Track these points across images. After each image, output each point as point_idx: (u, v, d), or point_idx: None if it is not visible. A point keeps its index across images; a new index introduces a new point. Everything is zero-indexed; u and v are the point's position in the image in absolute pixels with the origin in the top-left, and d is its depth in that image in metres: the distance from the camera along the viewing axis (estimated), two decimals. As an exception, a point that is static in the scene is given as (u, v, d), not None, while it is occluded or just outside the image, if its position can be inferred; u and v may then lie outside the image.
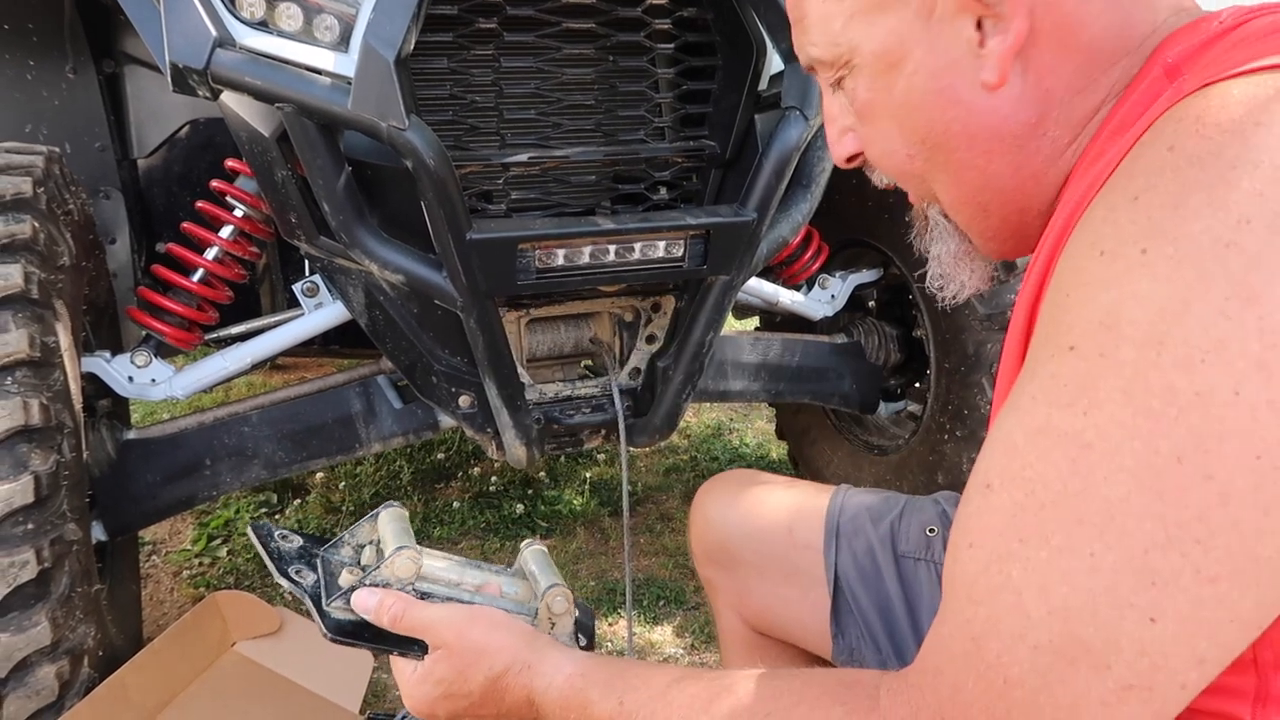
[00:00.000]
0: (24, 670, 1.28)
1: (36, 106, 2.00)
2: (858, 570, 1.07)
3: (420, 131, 1.34)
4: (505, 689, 0.80)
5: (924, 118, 0.70)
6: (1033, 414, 0.56)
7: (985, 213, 0.74)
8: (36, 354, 1.31)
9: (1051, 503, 0.53)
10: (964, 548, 0.58)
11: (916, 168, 0.74)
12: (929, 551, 1.05)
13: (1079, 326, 0.54)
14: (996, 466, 0.58)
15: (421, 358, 1.71)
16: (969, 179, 0.72)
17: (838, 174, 1.85)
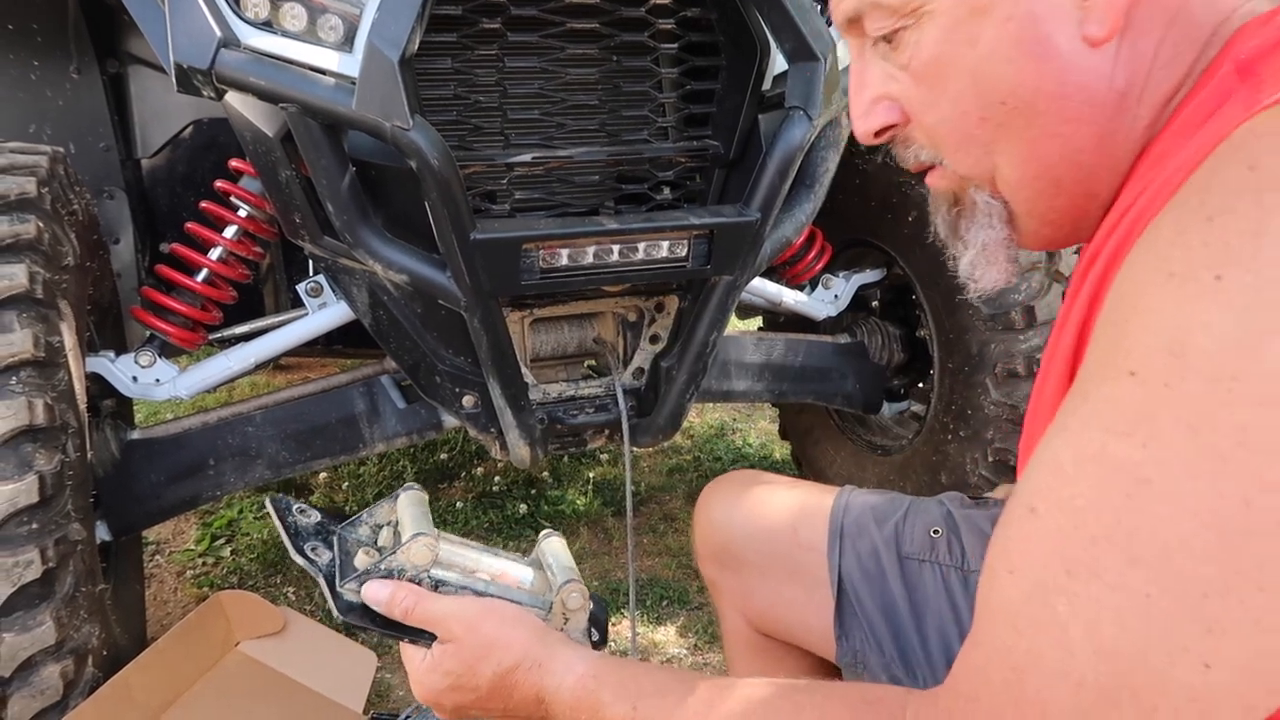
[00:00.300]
0: (29, 670, 1.28)
1: (41, 106, 2.00)
2: (862, 572, 1.07)
3: (424, 132, 1.34)
4: (514, 685, 0.79)
5: (1010, 74, 0.63)
6: (1085, 439, 0.53)
7: (1056, 190, 0.68)
8: (41, 354, 1.31)
9: (1104, 537, 0.51)
10: (1004, 573, 0.56)
11: (985, 135, 0.67)
12: (933, 553, 1.04)
13: (1141, 351, 0.51)
14: (1043, 490, 0.55)
15: (425, 358, 1.71)
16: (1048, 149, 0.66)
17: (841, 174, 1.85)
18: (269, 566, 2.39)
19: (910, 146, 0.73)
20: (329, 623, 2.06)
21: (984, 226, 0.72)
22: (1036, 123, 0.65)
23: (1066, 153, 0.65)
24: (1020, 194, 0.69)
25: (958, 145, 0.69)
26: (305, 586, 2.30)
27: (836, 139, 1.74)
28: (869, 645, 1.04)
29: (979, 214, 0.72)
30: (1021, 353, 1.93)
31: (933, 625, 1.01)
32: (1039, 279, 1.92)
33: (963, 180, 0.71)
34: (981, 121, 0.66)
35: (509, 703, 0.80)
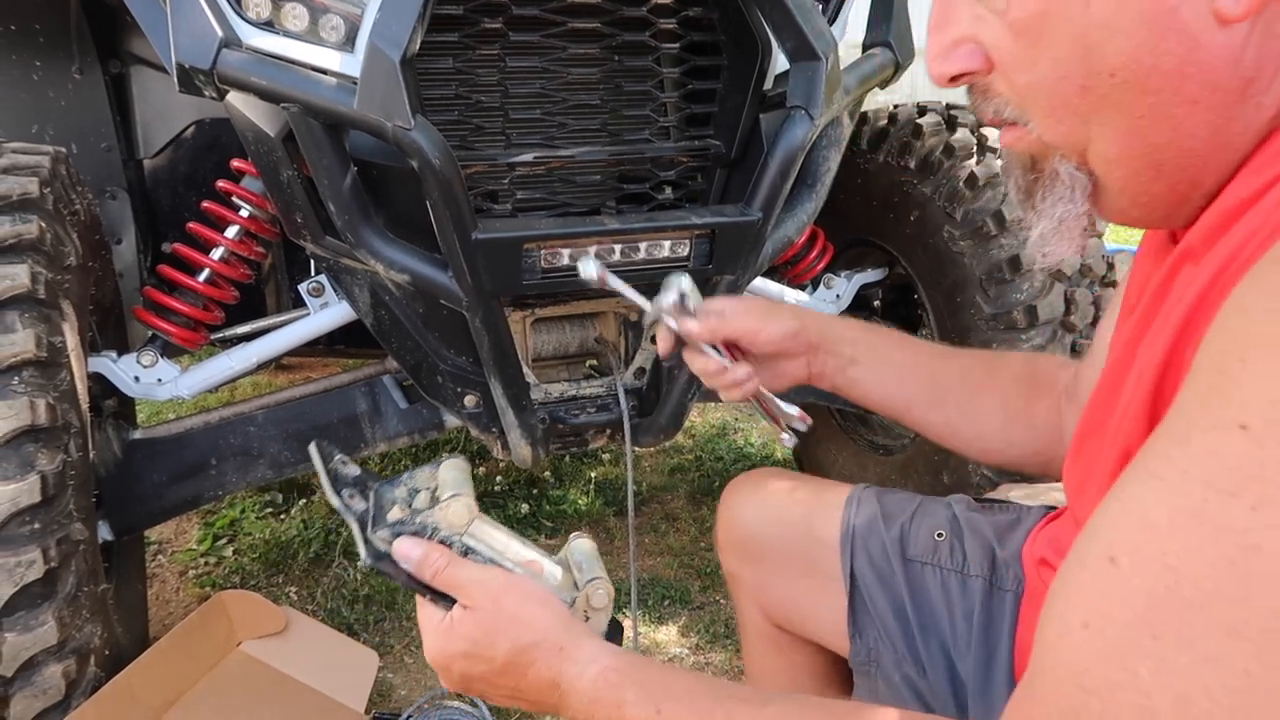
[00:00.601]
0: (31, 669, 1.28)
1: (43, 107, 2.00)
2: (874, 572, 1.07)
3: (425, 131, 1.34)
4: (530, 663, 0.76)
5: (1125, 45, 0.58)
6: (1183, 492, 0.49)
7: (1156, 174, 0.62)
8: (43, 354, 1.31)
9: (1201, 604, 0.47)
10: (1077, 626, 0.52)
11: (1085, 106, 0.61)
12: (935, 556, 1.05)
13: (1256, 404, 0.47)
14: (1127, 541, 0.51)
15: (427, 357, 1.71)
16: (1156, 131, 0.60)
17: (843, 173, 1.85)
18: (271, 566, 2.40)
19: (990, 99, 0.67)
20: (331, 622, 2.06)
21: (1064, 200, 0.67)
22: (1147, 101, 0.59)
23: (1176, 137, 0.60)
24: (1115, 172, 0.64)
25: (1050, 111, 0.63)
26: (307, 586, 2.31)
27: (838, 138, 1.74)
28: (883, 643, 1.04)
29: (1060, 186, 0.67)
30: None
31: (933, 629, 1.01)
32: (1041, 278, 1.92)
33: (1046, 147, 0.66)
34: (1083, 91, 0.61)
35: (521, 681, 0.76)
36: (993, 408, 1.07)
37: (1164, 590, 0.48)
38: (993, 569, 1.00)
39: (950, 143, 2.02)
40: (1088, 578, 0.53)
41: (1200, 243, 0.61)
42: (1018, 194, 0.71)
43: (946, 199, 1.99)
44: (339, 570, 2.36)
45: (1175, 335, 0.58)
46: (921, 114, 2.15)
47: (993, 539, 1.03)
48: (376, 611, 2.19)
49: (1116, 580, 0.51)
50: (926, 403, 1.09)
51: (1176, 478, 0.50)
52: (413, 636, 2.10)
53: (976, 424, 1.08)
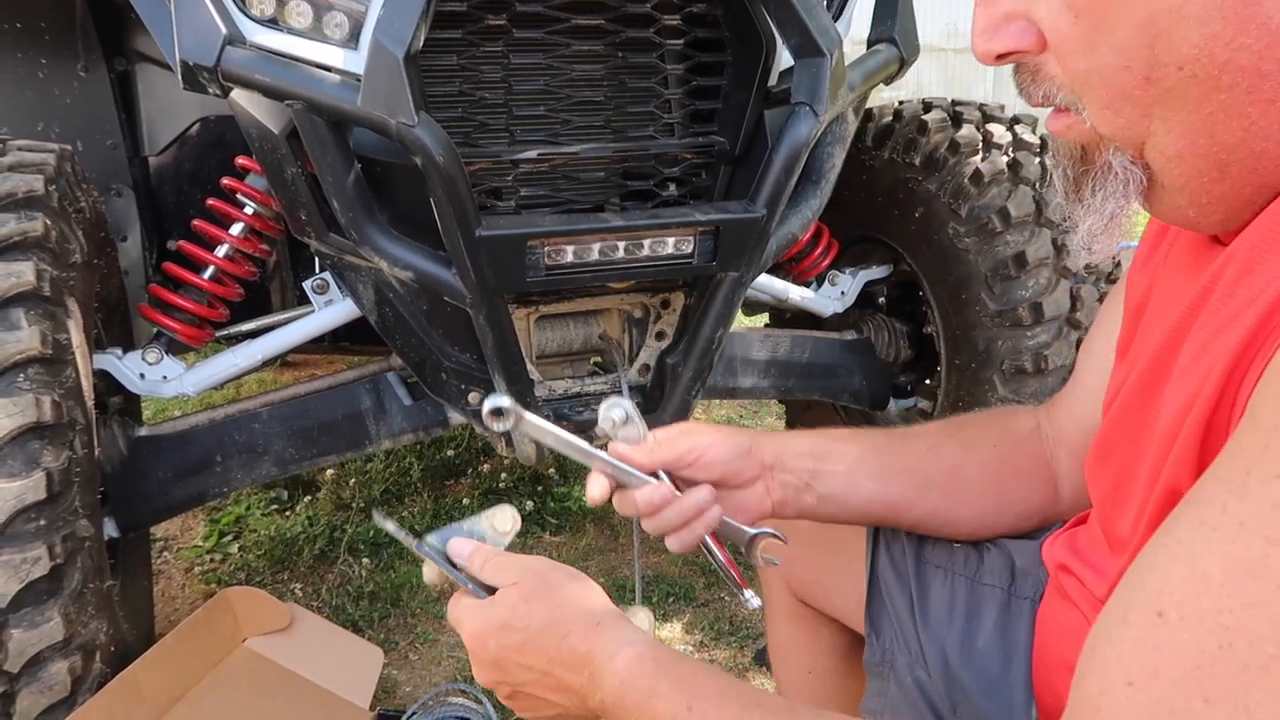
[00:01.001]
0: (37, 665, 1.28)
1: (49, 104, 2.01)
2: (894, 572, 1.07)
3: (429, 128, 1.34)
4: (566, 634, 0.73)
5: (1198, 36, 0.53)
6: (1240, 544, 0.46)
7: (1220, 175, 0.58)
8: (48, 351, 1.31)
9: (1260, 668, 0.44)
10: (1120, 683, 0.49)
11: (1148, 98, 0.57)
12: (949, 561, 1.04)
13: None
14: (1177, 594, 0.48)
15: (431, 354, 1.71)
16: (1225, 129, 0.56)
17: (847, 170, 1.84)
18: (276, 563, 2.40)
19: (1040, 82, 0.62)
20: (336, 619, 2.07)
21: (1117, 195, 0.62)
22: (1217, 98, 0.55)
23: (1247, 138, 0.55)
24: (1175, 169, 0.59)
25: (1108, 102, 0.59)
26: (312, 583, 2.31)
27: (843, 135, 1.73)
28: (898, 644, 1.04)
29: (1112, 180, 0.62)
30: (1029, 349, 1.92)
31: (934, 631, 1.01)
32: (1046, 275, 1.91)
33: (1100, 138, 0.61)
34: (1147, 83, 0.56)
35: (555, 652, 0.74)
36: (975, 475, 1.01)
37: (1217, 649, 0.45)
38: (1012, 579, 0.99)
39: (955, 139, 2.02)
40: (1132, 632, 0.50)
41: (1253, 253, 0.56)
42: (1065, 186, 0.66)
43: (951, 195, 1.98)
44: (344, 567, 2.37)
45: (1231, 363, 0.54)
46: (927, 110, 2.14)
47: (1012, 548, 1.02)
48: (381, 608, 2.19)
49: (1165, 635, 0.48)
50: (910, 500, 1.01)
51: (1233, 528, 0.47)
52: (417, 633, 2.11)
53: (967, 503, 1.02)
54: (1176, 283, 0.72)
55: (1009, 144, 2.02)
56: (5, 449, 1.25)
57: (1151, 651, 0.48)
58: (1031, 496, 1.02)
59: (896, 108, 2.21)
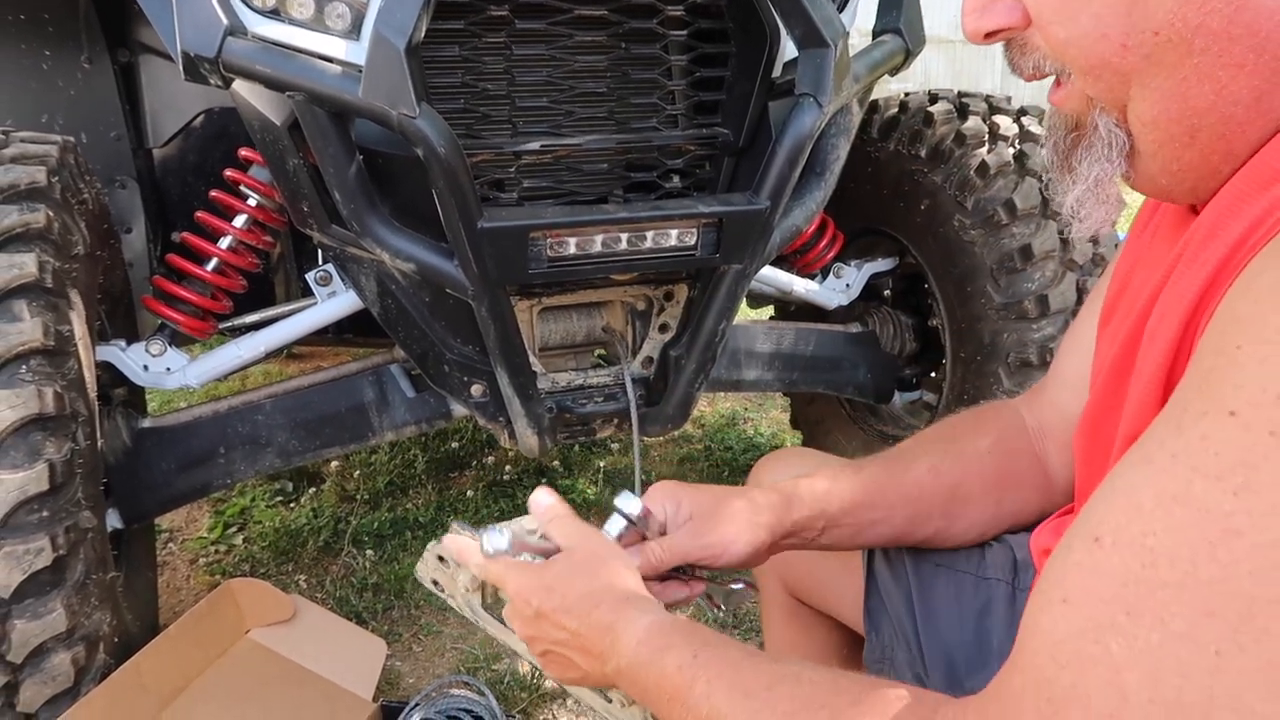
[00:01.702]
0: (40, 656, 1.29)
1: (52, 96, 2.00)
2: (890, 570, 1.06)
3: (431, 120, 1.33)
4: (597, 605, 0.79)
5: (1174, 3, 0.55)
6: (1170, 475, 0.50)
7: (1190, 140, 0.60)
8: (51, 343, 1.32)
9: (1176, 583, 0.47)
10: (1057, 600, 0.53)
11: (1127, 64, 0.59)
12: (950, 558, 1.04)
13: (1249, 391, 0.47)
14: (1112, 522, 0.52)
15: (434, 346, 1.71)
16: (1197, 94, 0.58)
17: (853, 162, 1.83)
18: (281, 555, 2.41)
19: (1029, 54, 0.64)
20: (340, 611, 2.07)
21: (1101, 159, 0.65)
22: (1190, 62, 0.57)
23: (1218, 102, 0.58)
24: (1150, 134, 0.62)
25: (1088, 69, 0.61)
26: (316, 574, 2.31)
27: (847, 126, 1.73)
28: (897, 640, 1.03)
29: (1098, 143, 0.64)
30: (1034, 342, 1.91)
31: (937, 631, 1.00)
32: (1052, 267, 1.90)
33: (1089, 100, 0.64)
34: (1124, 50, 0.58)
35: (584, 621, 0.79)
36: (979, 493, 1.01)
37: (1141, 569, 0.49)
38: (1016, 573, 0.99)
39: (961, 131, 2.00)
40: (1073, 556, 0.53)
41: (1220, 215, 0.59)
42: (1056, 159, 0.69)
43: (957, 188, 1.97)
44: (348, 559, 2.37)
45: (1187, 314, 0.57)
46: (933, 102, 2.13)
47: (1012, 542, 1.02)
48: (385, 600, 2.19)
49: (1098, 558, 0.51)
50: (914, 526, 1.02)
51: (1166, 461, 0.50)
52: (421, 625, 2.11)
53: (965, 518, 1.02)
54: (1155, 255, 0.74)
55: (1015, 135, 2.01)
56: (7, 440, 1.25)
57: (1087, 573, 0.52)
58: (1028, 499, 1.02)
59: (902, 99, 2.20)
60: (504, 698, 1.83)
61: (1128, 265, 0.80)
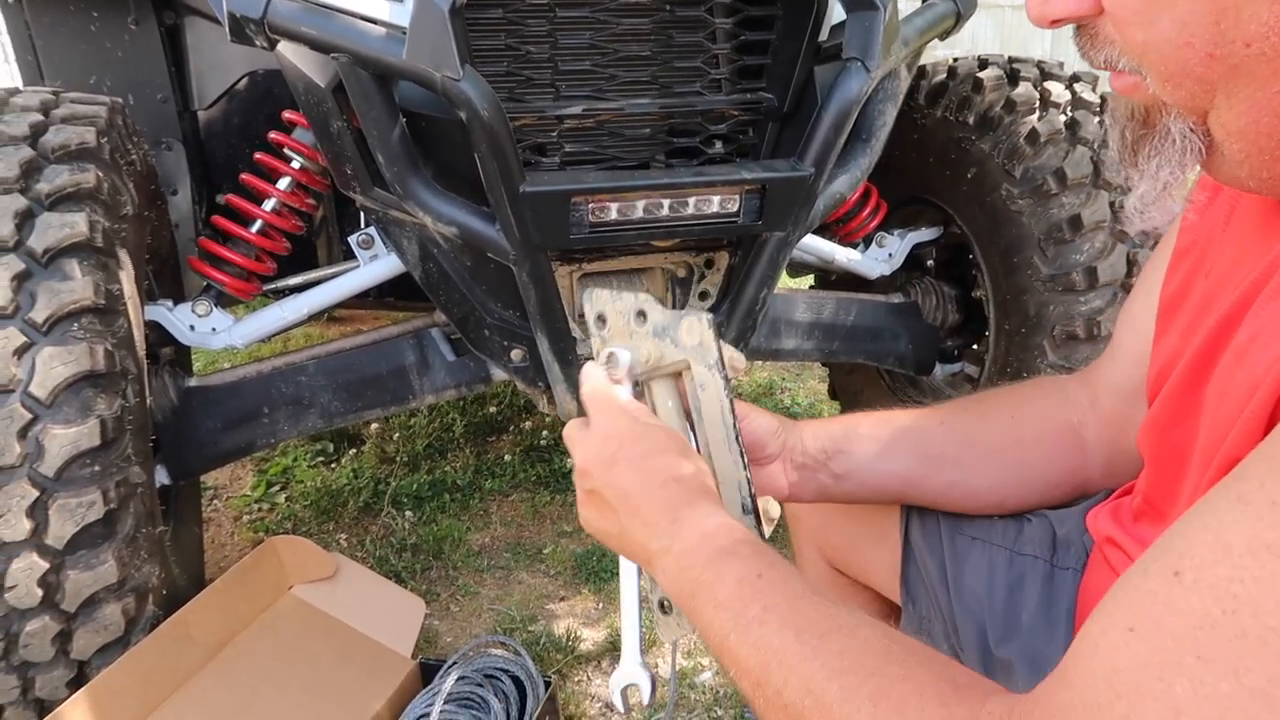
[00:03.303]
0: (92, 606, 1.32)
1: (100, 58, 2.02)
2: (926, 542, 1.06)
3: (474, 83, 1.32)
4: (677, 479, 0.76)
5: (1270, 14, 0.51)
6: (1268, 523, 0.47)
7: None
8: (101, 301, 1.34)
9: (1258, 636, 0.45)
10: (1122, 627, 0.51)
11: (1212, 74, 0.55)
12: (986, 532, 1.02)
13: None
14: (1196, 559, 0.49)
15: (474, 310, 1.72)
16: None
17: (898, 129, 1.80)
18: (322, 513, 2.45)
19: (1100, 46, 0.60)
20: (379, 570, 2.10)
21: (1173, 163, 0.61)
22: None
23: None
24: (1237, 144, 0.58)
25: (1168, 75, 0.57)
26: (356, 534, 2.35)
27: (895, 92, 1.69)
28: (934, 611, 1.03)
29: (1170, 147, 0.60)
30: (1081, 315, 1.87)
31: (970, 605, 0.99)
32: (1102, 239, 1.86)
33: (1162, 103, 0.60)
34: (1209, 59, 0.54)
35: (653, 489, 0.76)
36: (996, 448, 0.99)
37: (1220, 613, 0.47)
38: (1054, 551, 0.97)
39: (1011, 97, 1.96)
40: (1147, 585, 0.51)
41: None
42: (1120, 147, 0.65)
43: (1006, 156, 1.93)
44: (387, 519, 2.41)
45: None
46: (982, 68, 2.08)
47: (1053, 518, 1.00)
48: (424, 560, 2.22)
49: (1176, 593, 0.49)
50: (923, 474, 1.00)
51: (1264, 506, 0.47)
52: (459, 585, 2.14)
53: (983, 473, 1.00)
54: (1241, 248, 0.69)
55: (1067, 103, 1.96)
56: (61, 396, 1.28)
57: (1161, 606, 0.49)
58: (1053, 464, 1.00)
59: (950, 64, 2.15)
60: (540, 658, 1.86)
61: (1199, 245, 0.76)
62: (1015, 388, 1.07)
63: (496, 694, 1.57)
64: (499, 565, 2.23)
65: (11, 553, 1.26)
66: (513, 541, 2.33)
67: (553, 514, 2.45)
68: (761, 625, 0.65)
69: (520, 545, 2.31)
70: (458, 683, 1.57)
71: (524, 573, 2.21)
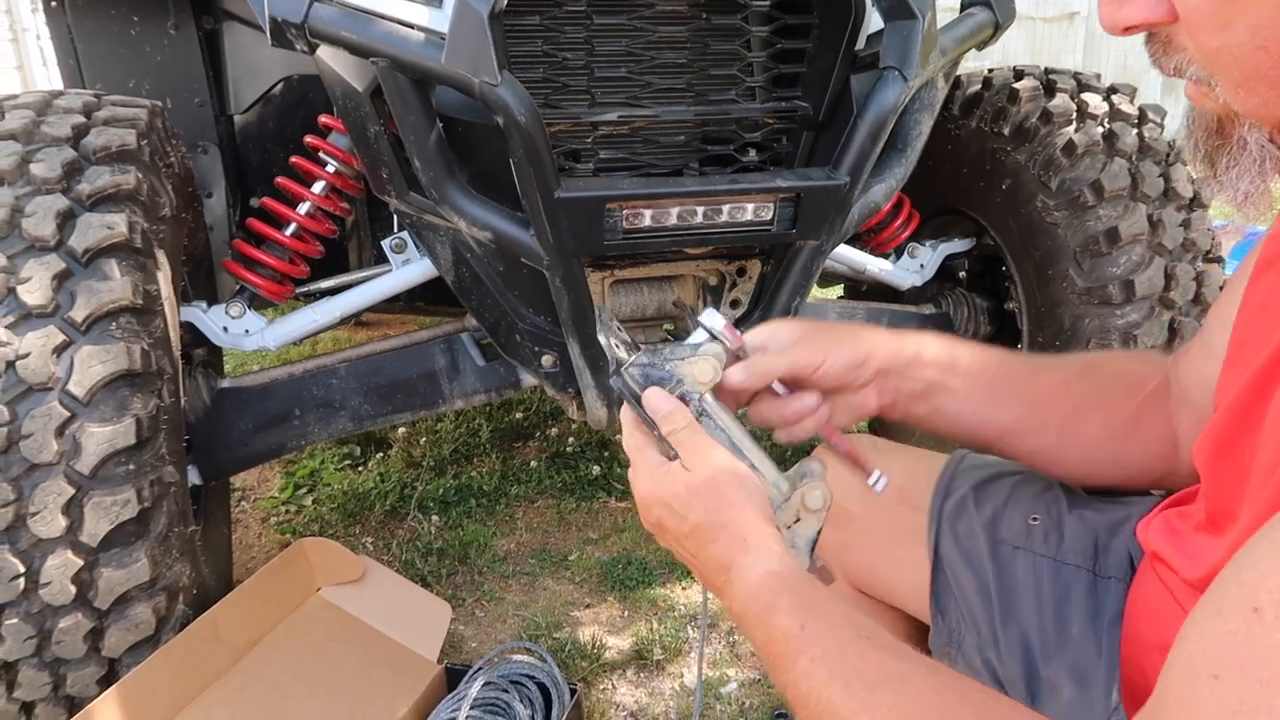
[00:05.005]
0: (124, 604, 1.33)
1: (140, 62, 2.05)
2: (960, 552, 1.04)
3: (512, 88, 1.33)
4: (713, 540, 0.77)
5: None
6: None
7: None
8: (139, 301, 1.35)
9: None
10: (1205, 674, 0.49)
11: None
12: (1028, 540, 1.00)
13: None
14: (1276, 594, 0.47)
15: (506, 316, 1.72)
16: None
17: (932, 139, 1.79)
18: (349, 516, 2.46)
19: (1172, 54, 0.59)
20: (405, 574, 2.11)
21: (1251, 174, 0.60)
22: None
23: None
24: None
25: (1241, 81, 0.56)
26: (382, 537, 2.36)
27: (931, 101, 1.68)
28: (965, 624, 1.01)
29: (1247, 158, 0.60)
30: (1117, 329, 1.85)
31: (1015, 615, 0.97)
32: (1140, 251, 1.84)
33: (1234, 114, 0.59)
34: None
35: (702, 552, 0.78)
36: (1098, 424, 0.96)
37: None
38: (1096, 558, 0.96)
39: (1048, 108, 1.94)
40: (1225, 626, 0.49)
41: None
42: (1197, 157, 0.64)
43: (1042, 167, 1.92)
44: (414, 523, 2.41)
45: None
46: (1018, 78, 2.07)
47: (1099, 527, 0.98)
48: (449, 565, 2.23)
49: (1258, 633, 0.46)
50: (1024, 429, 0.97)
51: None
52: (484, 591, 2.14)
53: (1080, 446, 0.96)
54: None
55: (1105, 114, 1.94)
56: (98, 395, 1.29)
57: (1242, 647, 0.47)
58: (1149, 461, 0.97)
59: (986, 75, 2.14)
60: (565, 665, 1.85)
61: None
62: (1128, 366, 1.02)
63: (522, 700, 1.56)
64: (524, 571, 2.23)
65: (46, 549, 1.27)
66: (538, 548, 2.33)
67: (578, 521, 2.45)
68: (809, 679, 0.65)
69: (546, 552, 2.30)
70: (484, 688, 1.57)
71: (549, 579, 2.20)
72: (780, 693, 0.70)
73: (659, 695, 1.82)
